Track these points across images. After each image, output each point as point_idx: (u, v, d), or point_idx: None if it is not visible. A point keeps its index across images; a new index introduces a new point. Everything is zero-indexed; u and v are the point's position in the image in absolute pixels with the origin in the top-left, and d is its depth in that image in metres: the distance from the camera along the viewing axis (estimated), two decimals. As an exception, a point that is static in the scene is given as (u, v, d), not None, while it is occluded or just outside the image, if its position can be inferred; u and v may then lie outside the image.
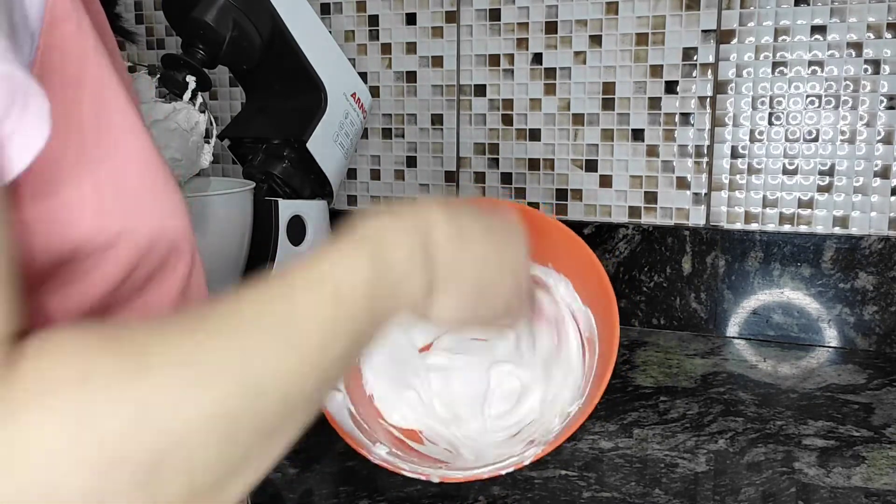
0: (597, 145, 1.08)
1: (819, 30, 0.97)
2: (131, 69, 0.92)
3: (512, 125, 1.12)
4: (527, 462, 0.59)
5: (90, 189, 0.36)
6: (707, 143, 1.04)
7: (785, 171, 1.01)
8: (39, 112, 0.29)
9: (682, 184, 1.05)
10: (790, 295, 1.01)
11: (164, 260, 0.41)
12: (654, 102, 1.05)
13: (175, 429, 0.28)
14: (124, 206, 0.38)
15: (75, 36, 0.35)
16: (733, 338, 1.04)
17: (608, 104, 1.07)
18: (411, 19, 1.14)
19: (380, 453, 0.61)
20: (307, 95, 0.99)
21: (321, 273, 0.36)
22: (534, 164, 1.12)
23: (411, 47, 1.15)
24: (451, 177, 1.17)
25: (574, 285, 0.68)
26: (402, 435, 0.67)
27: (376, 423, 0.66)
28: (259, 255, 0.97)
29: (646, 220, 1.08)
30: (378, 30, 1.16)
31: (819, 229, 1.00)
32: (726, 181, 1.04)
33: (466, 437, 0.67)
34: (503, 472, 0.59)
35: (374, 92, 1.17)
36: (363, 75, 1.16)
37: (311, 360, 0.34)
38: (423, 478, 0.60)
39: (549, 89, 1.09)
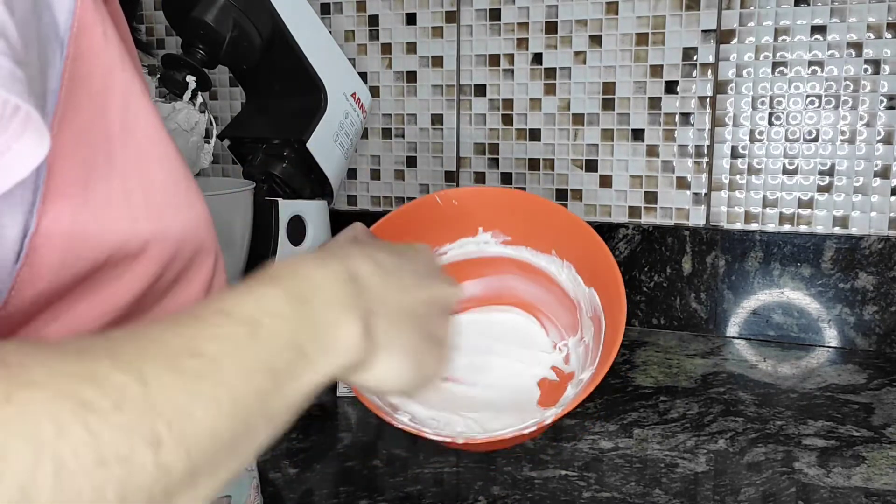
0: (597, 145, 1.08)
1: (819, 30, 0.97)
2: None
3: (512, 125, 1.12)
4: (547, 422, 0.58)
5: (120, 195, 0.37)
6: (707, 143, 1.04)
7: (785, 171, 1.01)
8: (34, 133, 0.28)
9: (682, 184, 1.05)
10: (790, 295, 1.01)
11: (188, 264, 0.42)
12: (654, 102, 1.05)
13: (47, 466, 0.23)
14: (153, 211, 0.39)
15: (102, 44, 0.36)
16: (733, 338, 1.04)
17: (608, 104, 1.07)
18: (411, 19, 1.14)
19: (402, 419, 0.61)
20: (307, 95, 0.99)
21: (232, 306, 0.32)
22: (534, 164, 1.12)
23: (411, 47, 1.15)
24: (451, 177, 1.17)
25: (577, 269, 0.69)
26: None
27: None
28: (259, 255, 0.97)
29: (646, 220, 1.08)
30: (378, 30, 1.16)
31: (819, 229, 1.00)
32: (726, 181, 1.04)
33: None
34: (525, 432, 0.58)
35: (374, 92, 1.17)
36: (363, 75, 1.16)
37: (221, 403, 0.29)
38: (447, 440, 0.58)
39: (549, 89, 1.09)
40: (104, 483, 0.24)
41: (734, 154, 1.03)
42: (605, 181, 1.09)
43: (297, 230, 1.01)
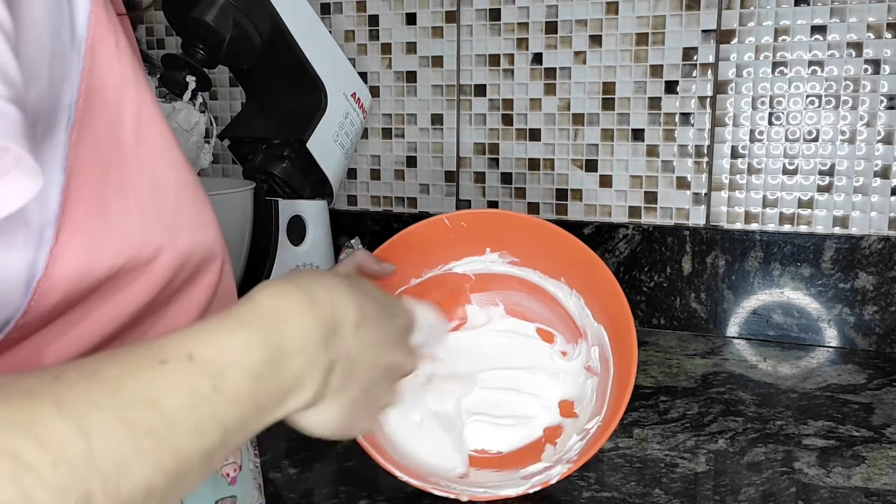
0: (597, 145, 1.08)
1: (819, 30, 0.97)
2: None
3: (512, 125, 1.12)
4: (553, 481, 0.62)
5: (135, 203, 0.37)
6: (707, 143, 1.04)
7: (785, 171, 1.01)
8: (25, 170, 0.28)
9: (682, 184, 1.05)
10: (790, 295, 1.01)
11: (196, 270, 0.42)
12: (654, 102, 1.05)
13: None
14: (165, 220, 0.39)
15: (115, 55, 0.36)
16: (733, 338, 1.04)
17: (608, 104, 1.07)
18: (411, 19, 1.14)
19: (402, 476, 0.64)
20: (307, 95, 0.99)
21: (202, 354, 0.31)
22: (534, 164, 1.12)
23: (411, 47, 1.15)
24: (451, 177, 1.17)
25: (587, 301, 0.68)
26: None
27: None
28: (259, 255, 0.97)
29: (646, 220, 1.08)
30: (378, 30, 1.16)
31: (819, 229, 1.00)
32: (726, 181, 1.04)
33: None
34: (531, 491, 0.62)
35: (374, 92, 1.17)
36: (363, 75, 1.16)
37: (164, 460, 0.28)
38: (452, 496, 0.62)
39: (549, 89, 1.09)
40: None
41: (734, 154, 1.03)
42: (605, 181, 1.09)
43: (297, 230, 1.01)
